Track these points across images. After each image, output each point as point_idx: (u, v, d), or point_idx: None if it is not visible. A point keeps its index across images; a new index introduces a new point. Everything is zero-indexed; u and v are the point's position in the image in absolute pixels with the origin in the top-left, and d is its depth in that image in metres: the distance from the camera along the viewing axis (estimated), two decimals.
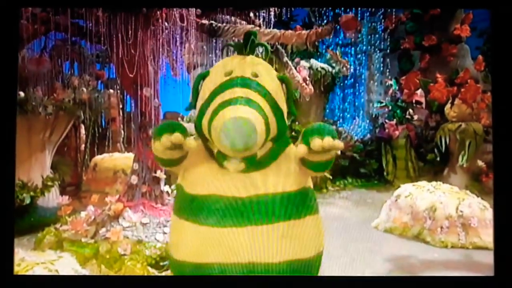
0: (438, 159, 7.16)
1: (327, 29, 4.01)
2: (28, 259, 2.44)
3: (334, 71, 7.84)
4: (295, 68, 5.63)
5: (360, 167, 7.71)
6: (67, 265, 2.58)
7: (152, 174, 3.76)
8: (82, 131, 6.51)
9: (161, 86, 4.04)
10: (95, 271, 3.07)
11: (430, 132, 7.53)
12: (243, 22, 4.29)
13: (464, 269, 3.61)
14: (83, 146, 6.47)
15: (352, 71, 10.01)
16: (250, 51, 1.89)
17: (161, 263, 3.04)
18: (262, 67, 1.85)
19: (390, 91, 8.74)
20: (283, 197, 1.74)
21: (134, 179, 3.75)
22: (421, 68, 8.04)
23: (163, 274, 2.96)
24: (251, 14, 4.23)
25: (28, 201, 4.47)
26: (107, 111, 6.52)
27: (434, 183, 4.89)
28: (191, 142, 1.69)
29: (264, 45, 2.07)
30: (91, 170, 5.82)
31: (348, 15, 4.08)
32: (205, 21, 4.07)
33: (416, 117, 7.95)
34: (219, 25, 4.05)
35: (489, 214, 4.24)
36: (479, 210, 4.31)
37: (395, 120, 7.89)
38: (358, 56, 10.55)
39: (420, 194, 4.63)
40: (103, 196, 3.91)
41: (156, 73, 3.86)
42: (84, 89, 5.31)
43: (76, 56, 5.25)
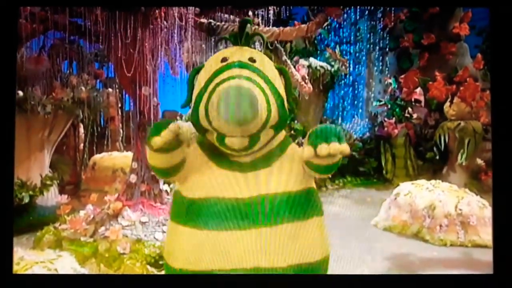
0: (437, 158, 7.17)
1: (323, 17, 3.99)
2: (27, 258, 2.44)
3: (333, 70, 7.84)
4: (294, 67, 5.63)
5: (359, 166, 7.72)
6: (66, 264, 2.58)
7: (151, 173, 3.76)
8: (81, 130, 6.51)
9: (160, 85, 4.04)
10: (94, 270, 3.07)
11: (429, 131, 7.53)
12: None
13: (463, 267, 3.62)
14: (82, 145, 6.47)
15: (351, 70, 10.02)
16: (245, 42, 1.82)
17: (160, 262, 3.04)
18: (259, 55, 1.78)
19: (389, 90, 8.75)
20: (288, 197, 1.66)
21: (133, 178, 3.75)
22: (420, 67, 8.04)
23: (162, 273, 2.96)
24: (250, 13, 4.23)
25: (27, 200, 4.47)
26: (106, 110, 6.51)
27: (433, 182, 4.90)
28: (187, 129, 1.60)
29: (260, 35, 1.99)
30: (90, 169, 5.82)
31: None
32: (204, 20, 4.06)
33: (415, 116, 7.96)
34: (218, 24, 4.04)
35: (488, 212, 4.24)
36: (478, 208, 4.31)
37: (394, 119, 7.90)
38: (357, 55, 10.55)
39: (419, 193, 4.63)
40: (102, 195, 3.92)
41: (155, 72, 3.85)
42: (83, 88, 5.31)
43: (75, 55, 5.25)
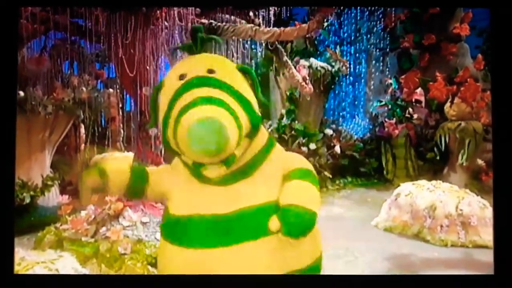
0: (438, 158, 7.16)
1: (322, 16, 4.00)
2: (28, 259, 2.44)
3: (334, 70, 7.84)
4: (295, 67, 5.64)
5: (360, 166, 7.72)
6: (67, 264, 2.57)
7: None
8: (82, 131, 6.51)
9: None
10: (95, 270, 3.07)
11: (430, 131, 7.52)
12: (243, 21, 4.29)
13: (464, 268, 3.62)
14: (83, 146, 6.47)
15: (352, 70, 10.01)
16: (201, 49, 1.75)
17: None
18: (217, 62, 1.71)
19: (390, 90, 8.74)
20: (270, 208, 1.61)
21: None
22: (421, 67, 8.03)
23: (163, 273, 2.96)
24: (251, 13, 4.23)
25: (28, 201, 4.47)
26: (107, 111, 6.51)
27: (434, 182, 4.89)
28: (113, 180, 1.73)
29: (214, 38, 1.93)
30: None
31: None
32: (205, 20, 4.07)
33: (416, 116, 7.95)
34: (219, 24, 4.05)
35: (489, 213, 4.24)
36: (479, 209, 4.31)
37: (395, 119, 7.89)
38: (358, 55, 10.55)
39: (420, 193, 4.63)
40: (103, 195, 3.91)
41: (156, 72, 3.86)
42: (84, 89, 5.31)
43: (76, 56, 5.26)
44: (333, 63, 7.90)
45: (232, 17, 4.28)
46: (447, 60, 7.76)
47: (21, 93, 4.54)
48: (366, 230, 4.68)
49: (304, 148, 6.75)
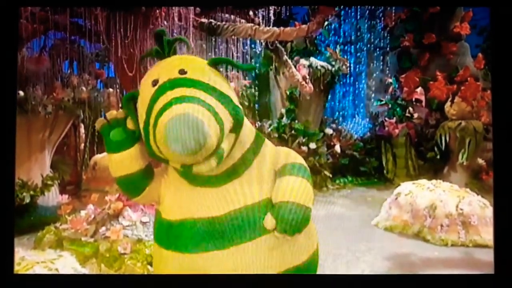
0: (438, 157, 7.16)
1: (322, 17, 4.00)
2: (28, 258, 2.44)
3: (334, 69, 7.83)
4: (295, 67, 5.63)
5: (360, 166, 7.71)
6: (67, 264, 2.58)
7: None
8: (82, 130, 6.51)
9: None
10: (95, 270, 3.07)
11: (430, 130, 7.52)
12: (243, 21, 4.29)
13: (464, 267, 3.62)
14: (83, 145, 6.47)
15: (352, 69, 10.01)
16: (169, 51, 1.72)
17: None
18: (188, 62, 1.67)
19: (390, 89, 8.74)
20: (264, 206, 1.59)
21: None
22: (421, 66, 8.02)
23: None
24: (251, 13, 4.23)
25: (28, 200, 4.47)
26: (107, 110, 6.49)
27: (434, 181, 4.89)
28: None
29: (181, 39, 1.89)
30: (91, 169, 5.81)
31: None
32: (205, 20, 4.07)
33: (416, 115, 7.94)
34: (219, 24, 4.05)
35: (489, 212, 4.24)
36: (479, 208, 4.31)
37: (395, 118, 7.89)
38: (358, 54, 10.55)
39: (420, 192, 4.62)
40: (103, 195, 3.91)
41: None
42: (84, 88, 5.31)
43: (76, 55, 5.25)
44: (333, 63, 7.89)
45: (232, 16, 4.28)
46: (448, 59, 7.76)
47: (21, 93, 4.54)
48: (367, 230, 4.67)
49: (304, 148, 6.74)
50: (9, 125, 1.86)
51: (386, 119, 8.02)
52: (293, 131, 7.05)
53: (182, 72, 1.57)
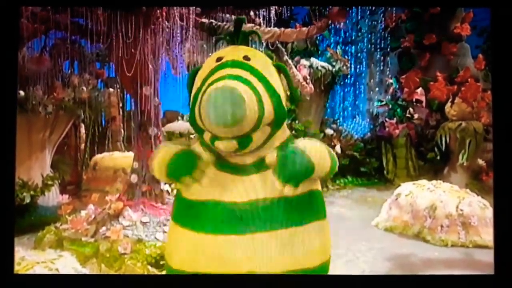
0: (438, 158, 7.16)
1: (325, 22, 4.00)
2: (29, 258, 2.44)
3: (334, 70, 7.84)
4: (295, 67, 5.63)
5: (361, 166, 7.72)
6: (67, 264, 2.58)
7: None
8: (82, 130, 6.52)
9: (161, 85, 4.04)
10: (95, 270, 3.07)
11: (431, 131, 7.52)
12: None
13: (464, 268, 3.62)
14: (83, 145, 6.48)
15: (352, 70, 10.01)
16: (242, 41, 1.82)
17: (161, 262, 3.04)
18: (254, 52, 1.77)
19: (391, 90, 8.75)
20: (284, 202, 1.63)
21: (134, 178, 3.75)
22: (421, 67, 8.03)
23: (163, 273, 2.96)
24: (251, 13, 4.23)
25: (28, 200, 4.48)
26: (107, 110, 6.53)
27: (435, 182, 4.89)
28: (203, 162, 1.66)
29: (256, 32, 1.98)
30: (91, 169, 5.82)
31: (335, 8, 4.11)
32: (205, 20, 4.07)
33: (417, 116, 7.95)
34: (219, 24, 4.04)
35: (489, 213, 4.24)
36: (479, 209, 4.31)
37: (396, 119, 7.89)
38: (358, 55, 10.55)
39: (421, 193, 4.63)
40: (103, 195, 3.92)
41: (156, 72, 3.85)
42: (84, 88, 5.32)
43: (76, 55, 5.25)
44: (334, 63, 7.89)
45: (233, 17, 4.27)
46: (448, 60, 7.76)
47: (22, 93, 4.55)
48: (367, 230, 4.68)
49: None
50: (10, 125, 1.87)
51: (387, 120, 8.02)
52: (294, 132, 7.05)
53: (246, 58, 1.68)
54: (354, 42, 10.52)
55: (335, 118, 9.79)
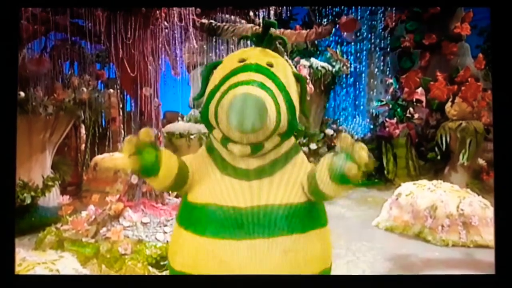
0: (439, 158, 7.16)
1: (327, 29, 4.02)
2: (29, 259, 2.45)
3: (334, 70, 7.84)
4: (295, 67, 5.63)
5: None
6: (68, 265, 2.58)
7: None
8: (83, 131, 6.52)
9: (161, 86, 4.05)
10: (96, 271, 3.07)
11: (431, 131, 7.52)
12: (243, 21, 4.29)
13: (465, 268, 3.62)
14: (84, 146, 6.48)
15: (352, 70, 10.01)
16: (267, 44, 1.81)
17: (162, 263, 3.04)
18: (277, 59, 1.75)
19: (391, 90, 8.75)
20: (287, 209, 1.62)
21: (135, 179, 3.75)
22: (422, 67, 8.03)
23: (164, 274, 2.96)
24: (251, 13, 4.23)
25: (29, 201, 4.48)
26: (107, 111, 6.52)
27: (435, 182, 4.89)
28: (143, 131, 1.53)
29: (283, 38, 1.96)
30: (92, 170, 5.82)
31: (349, 16, 4.11)
32: (205, 20, 4.07)
33: (417, 116, 7.95)
34: (219, 24, 4.05)
35: (490, 213, 4.24)
36: (480, 209, 4.30)
37: (396, 119, 7.89)
38: (358, 55, 10.55)
39: (421, 193, 4.62)
40: (104, 196, 3.92)
41: (156, 73, 3.86)
42: (84, 89, 5.32)
43: (76, 56, 5.26)
44: (334, 63, 7.89)
45: (232, 17, 4.28)
46: (448, 60, 7.77)
47: (22, 94, 4.55)
48: (367, 230, 4.68)
49: (305, 148, 6.74)
50: (10, 126, 1.86)
51: (387, 120, 8.02)
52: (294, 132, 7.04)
53: (270, 65, 1.66)
54: (354, 42, 10.52)
55: (335, 118, 9.79)
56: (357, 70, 10.59)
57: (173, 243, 1.83)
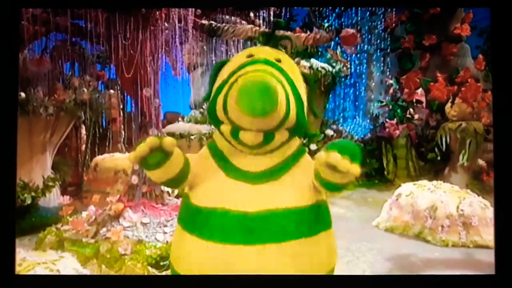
0: (439, 158, 7.16)
1: (325, 37, 4.02)
2: (30, 259, 2.45)
3: (335, 71, 7.84)
4: None
5: (361, 167, 7.70)
6: (68, 265, 2.58)
7: None
8: (83, 132, 6.53)
9: (162, 86, 4.05)
10: (96, 271, 3.07)
11: (431, 131, 7.53)
12: (243, 22, 4.30)
13: (465, 268, 3.62)
14: (84, 147, 6.48)
15: (352, 71, 10.01)
16: (274, 43, 1.82)
17: (162, 263, 3.05)
18: (285, 57, 1.76)
19: (391, 91, 8.75)
20: (295, 213, 1.60)
21: (135, 179, 3.76)
22: (422, 67, 8.04)
23: (163, 274, 2.97)
24: (251, 14, 4.24)
25: (29, 201, 4.48)
26: (108, 112, 6.53)
27: (435, 182, 4.89)
28: (168, 140, 1.50)
29: (290, 38, 1.98)
30: (92, 171, 5.83)
31: (349, 31, 4.11)
32: (205, 21, 4.08)
33: (417, 116, 7.95)
34: (219, 25, 4.05)
35: (490, 213, 4.24)
36: (480, 209, 4.31)
37: (396, 120, 7.89)
38: (358, 56, 10.55)
39: (421, 193, 4.63)
40: (104, 196, 3.93)
41: (156, 73, 3.86)
42: (85, 90, 5.32)
43: (77, 57, 5.27)
44: (334, 64, 7.89)
45: (233, 18, 4.28)
46: (448, 61, 7.77)
47: (22, 95, 4.55)
48: (367, 230, 4.68)
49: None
50: (11, 127, 1.87)
51: (387, 120, 8.02)
52: None
53: (278, 60, 1.67)
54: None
55: (335, 119, 9.78)
56: (357, 71, 10.59)
57: (176, 247, 1.78)
